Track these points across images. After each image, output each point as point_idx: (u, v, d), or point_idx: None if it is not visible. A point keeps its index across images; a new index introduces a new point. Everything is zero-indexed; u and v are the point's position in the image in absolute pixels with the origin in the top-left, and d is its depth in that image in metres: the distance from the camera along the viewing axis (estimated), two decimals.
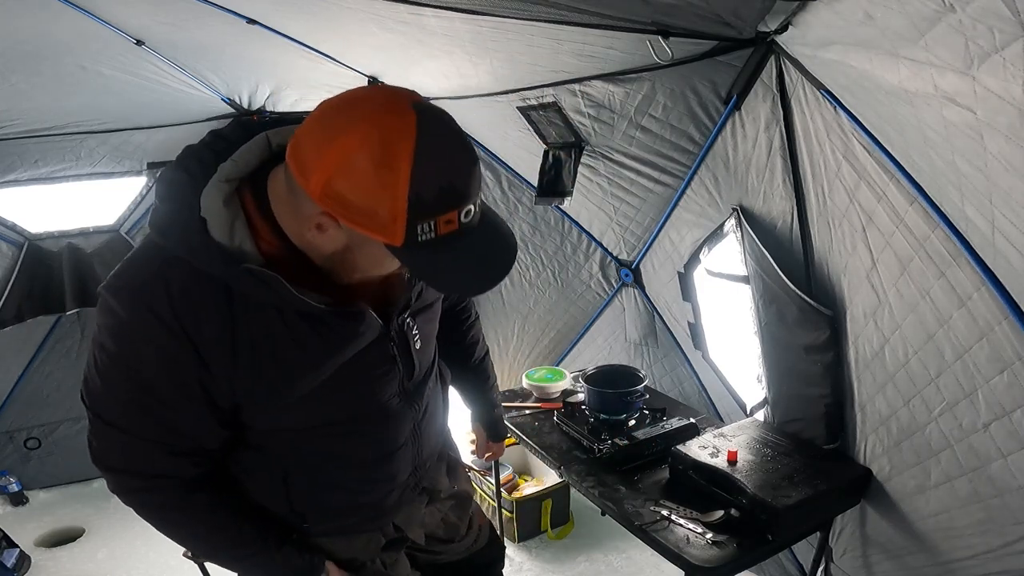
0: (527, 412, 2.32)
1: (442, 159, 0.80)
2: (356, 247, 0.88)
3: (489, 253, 0.90)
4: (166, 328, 0.87)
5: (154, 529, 1.10)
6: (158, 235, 0.90)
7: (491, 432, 1.69)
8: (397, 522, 1.27)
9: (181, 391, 0.92)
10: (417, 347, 1.12)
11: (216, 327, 0.89)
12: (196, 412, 0.95)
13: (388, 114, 0.78)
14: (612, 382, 2.10)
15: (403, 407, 1.14)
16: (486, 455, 1.75)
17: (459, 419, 1.56)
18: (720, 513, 1.58)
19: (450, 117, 0.85)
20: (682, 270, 2.28)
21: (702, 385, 2.49)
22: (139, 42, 2.29)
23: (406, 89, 0.84)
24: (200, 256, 0.87)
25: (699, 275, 2.25)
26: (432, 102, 0.85)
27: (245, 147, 0.93)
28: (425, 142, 0.78)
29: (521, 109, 2.43)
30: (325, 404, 1.04)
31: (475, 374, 1.57)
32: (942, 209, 1.19)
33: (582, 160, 2.39)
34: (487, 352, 1.59)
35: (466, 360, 1.53)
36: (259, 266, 0.87)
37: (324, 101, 0.83)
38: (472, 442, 1.75)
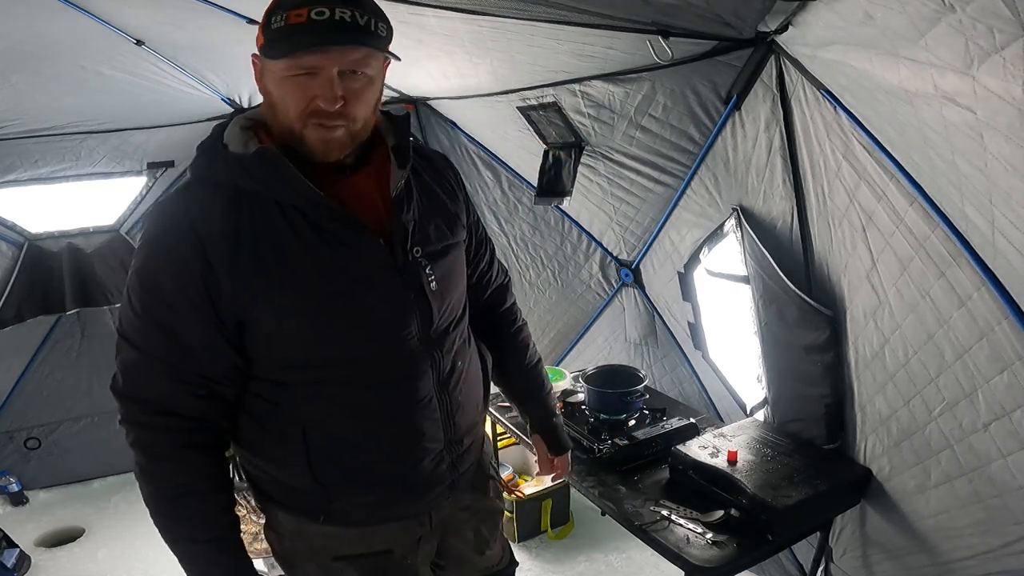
0: None
1: None
2: (264, 74, 1.01)
3: (321, 34, 0.94)
4: (178, 231, 0.97)
5: (153, 529, 1.09)
6: (189, 170, 1.05)
7: (552, 442, 1.50)
8: (432, 513, 1.22)
9: (186, 294, 0.97)
10: (432, 288, 1.10)
11: (223, 223, 0.97)
12: (202, 321, 0.98)
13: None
14: (612, 382, 2.10)
15: (422, 352, 1.11)
16: (552, 472, 1.55)
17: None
18: (720, 513, 1.58)
19: None
20: (682, 270, 2.28)
21: (702, 385, 2.49)
22: (139, 42, 2.29)
23: None
24: (216, 165, 1.01)
25: (699, 275, 2.25)
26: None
27: (258, 105, 1.10)
28: None
29: (521, 109, 2.43)
30: (337, 334, 1.04)
31: (529, 378, 1.48)
32: (942, 209, 1.19)
33: (582, 160, 2.39)
34: (540, 359, 1.52)
35: (519, 363, 1.46)
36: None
37: None
38: (534, 460, 1.59)
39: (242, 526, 2.32)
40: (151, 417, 1.01)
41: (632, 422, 2.08)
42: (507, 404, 2.37)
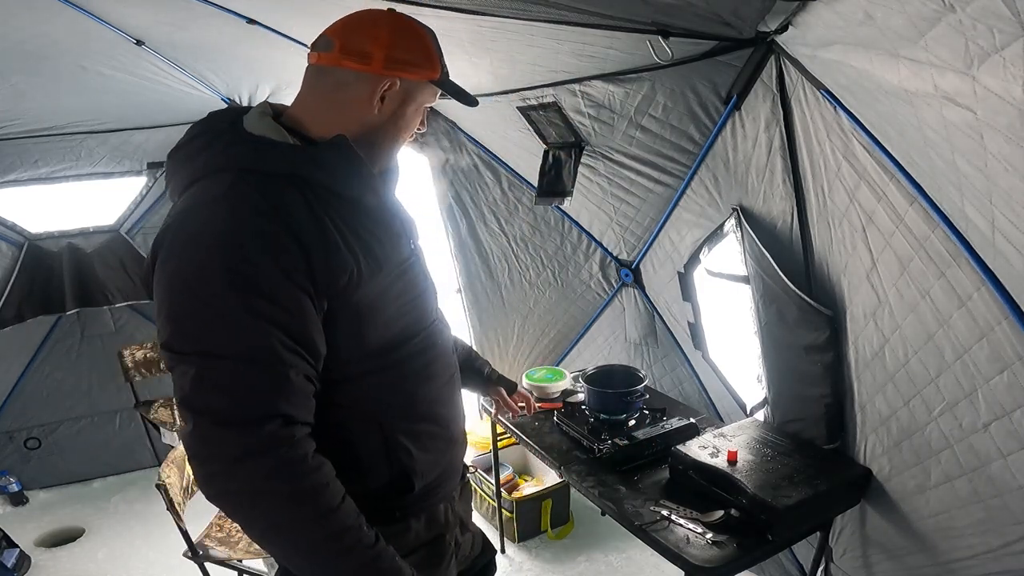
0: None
1: (429, 29, 1.12)
2: (411, 96, 1.09)
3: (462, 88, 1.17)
4: (263, 220, 0.91)
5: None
6: (214, 161, 0.98)
7: (506, 385, 1.68)
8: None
9: (292, 281, 0.91)
10: (429, 271, 1.22)
11: (300, 211, 0.95)
12: (306, 312, 0.93)
13: (390, 11, 1.11)
14: (612, 382, 2.10)
15: (442, 328, 1.21)
16: (521, 406, 1.72)
17: None
18: (720, 513, 1.58)
19: None
20: (682, 270, 2.28)
21: (702, 385, 2.49)
22: (139, 42, 2.29)
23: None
24: (268, 155, 0.98)
25: (699, 275, 2.25)
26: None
27: (257, 105, 1.10)
28: (415, 21, 1.11)
29: (521, 109, 2.43)
30: (394, 315, 1.07)
31: (458, 347, 1.48)
32: (942, 209, 1.19)
33: (582, 160, 2.39)
34: None
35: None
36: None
37: (339, 21, 1.11)
38: (495, 412, 1.77)
39: None
40: (285, 430, 0.90)
41: (632, 422, 2.08)
42: None
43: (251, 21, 2.08)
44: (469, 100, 1.19)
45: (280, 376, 0.90)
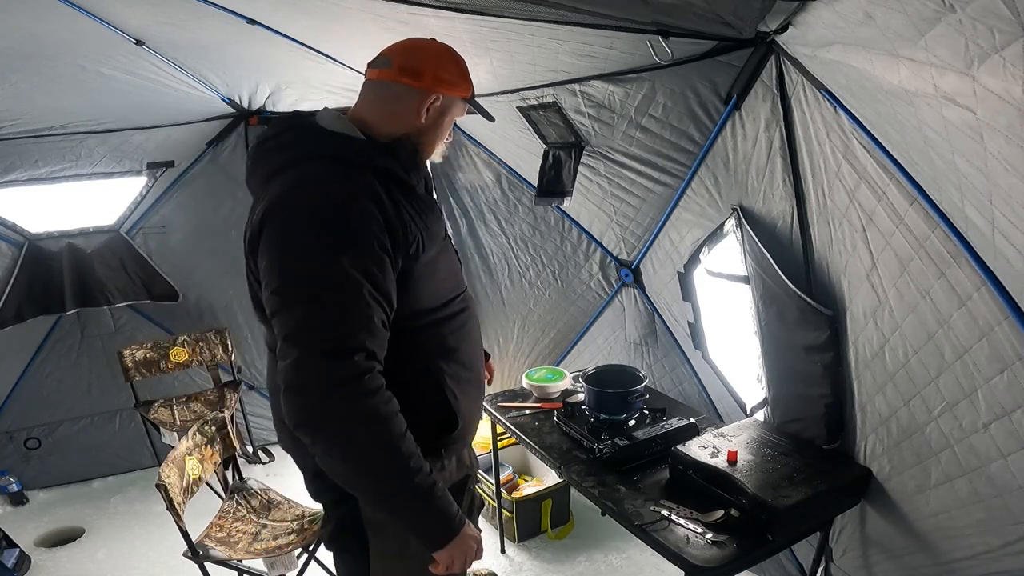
0: (527, 412, 2.32)
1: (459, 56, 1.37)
2: (448, 109, 1.33)
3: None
4: (363, 193, 1.15)
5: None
6: (316, 150, 1.21)
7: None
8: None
9: (382, 244, 1.14)
10: None
11: (381, 191, 1.18)
12: (390, 270, 1.16)
13: (430, 40, 1.35)
14: (612, 382, 2.10)
15: (470, 295, 1.46)
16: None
17: None
18: (720, 513, 1.58)
19: None
20: (682, 270, 2.28)
21: (702, 385, 2.49)
22: (139, 42, 2.29)
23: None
24: (351, 146, 1.23)
25: (699, 275, 2.25)
26: None
27: (325, 109, 1.34)
28: (454, 50, 1.36)
29: (521, 109, 2.43)
30: (439, 281, 1.32)
31: None
32: (942, 209, 1.19)
33: (582, 160, 2.39)
34: None
35: None
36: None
37: (396, 45, 1.33)
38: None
39: (241, 526, 2.33)
40: (368, 363, 1.10)
41: (632, 422, 2.08)
42: (507, 404, 2.38)
43: (251, 21, 2.08)
44: (489, 116, 1.46)
45: (367, 319, 1.11)
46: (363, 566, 1.40)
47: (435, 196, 1.42)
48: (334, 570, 1.69)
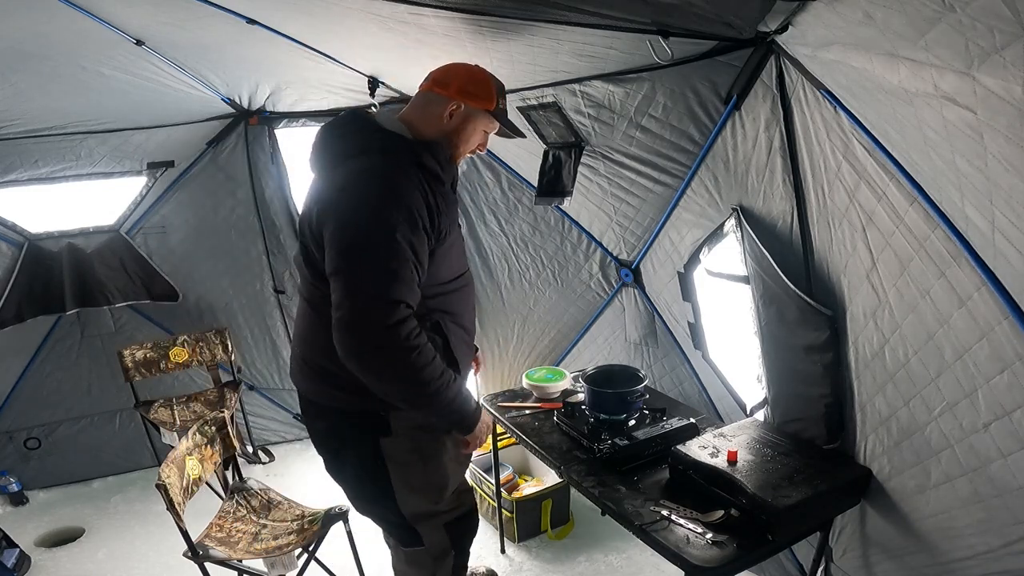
0: (527, 412, 2.32)
1: (498, 80, 1.69)
2: (470, 118, 1.65)
3: (513, 123, 1.76)
4: (413, 185, 1.47)
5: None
6: (363, 143, 1.55)
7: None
8: None
9: (424, 227, 1.47)
10: None
11: (422, 183, 1.49)
12: (423, 240, 1.47)
13: (479, 67, 1.68)
14: (612, 382, 2.10)
15: (471, 274, 1.80)
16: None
17: None
18: (720, 513, 1.58)
19: None
20: (682, 270, 2.28)
21: (702, 385, 2.49)
22: (139, 42, 2.29)
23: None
24: (401, 145, 1.55)
25: (699, 275, 2.25)
26: None
27: (383, 109, 1.70)
28: (488, 72, 1.68)
29: (521, 109, 2.43)
30: (453, 261, 1.65)
31: None
32: (942, 209, 1.19)
33: (582, 160, 2.39)
34: None
35: None
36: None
37: (440, 70, 1.67)
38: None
39: (241, 526, 2.33)
40: (404, 309, 1.42)
41: (632, 422, 2.08)
42: (507, 404, 2.38)
43: (251, 21, 2.08)
44: (518, 134, 1.77)
45: (411, 280, 1.44)
46: (342, 462, 1.76)
47: (457, 193, 1.78)
48: (330, 569, 1.70)
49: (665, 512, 1.63)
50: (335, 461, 1.76)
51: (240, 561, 2.02)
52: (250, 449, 3.58)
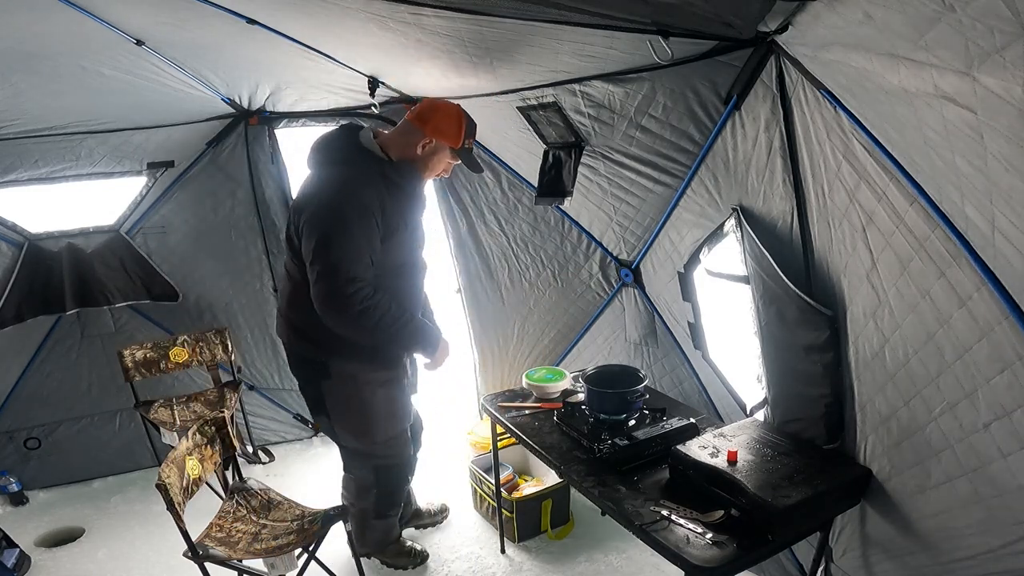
0: (527, 412, 2.32)
1: (470, 122, 2.17)
2: (437, 151, 2.14)
3: (477, 160, 2.30)
4: (370, 191, 2.00)
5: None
6: (341, 155, 2.08)
7: None
8: None
9: (374, 223, 1.99)
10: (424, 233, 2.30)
11: (379, 191, 2.02)
12: (376, 239, 2.00)
13: (451, 104, 2.17)
14: (612, 382, 2.10)
15: (421, 267, 2.29)
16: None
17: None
18: (720, 513, 1.58)
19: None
20: (682, 270, 2.28)
21: (702, 385, 2.49)
22: (139, 42, 2.29)
23: (452, 102, 2.22)
24: (370, 159, 2.07)
25: (699, 275, 2.25)
26: None
27: (366, 129, 2.16)
28: (465, 115, 2.16)
29: (521, 109, 2.43)
30: (405, 250, 2.15)
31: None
32: (942, 209, 1.19)
33: (582, 160, 2.39)
34: None
35: None
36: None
37: (424, 105, 2.16)
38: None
39: (241, 526, 2.32)
40: (364, 283, 1.97)
41: (632, 422, 2.08)
42: (507, 404, 2.38)
43: (251, 21, 2.08)
44: (476, 169, 2.29)
45: (366, 264, 1.99)
46: (305, 394, 2.36)
47: (420, 199, 2.19)
48: (330, 569, 1.70)
49: (665, 512, 1.63)
50: (302, 391, 2.38)
51: (240, 561, 2.02)
52: (250, 449, 3.58)
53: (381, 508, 2.48)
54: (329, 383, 2.20)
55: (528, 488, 2.88)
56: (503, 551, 2.74)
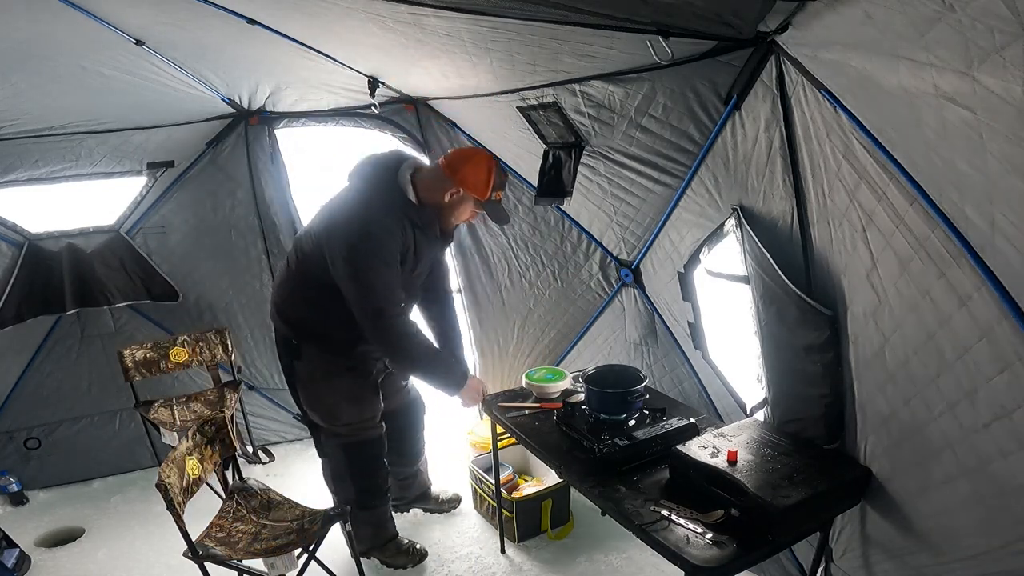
0: (527, 412, 2.32)
1: (500, 175, 2.22)
2: (463, 201, 2.21)
3: (504, 211, 2.30)
4: (394, 227, 2.13)
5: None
6: (372, 192, 2.18)
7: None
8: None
9: (397, 257, 2.14)
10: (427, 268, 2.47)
11: (400, 228, 2.14)
12: (397, 264, 2.15)
13: (482, 155, 2.27)
14: (612, 382, 2.10)
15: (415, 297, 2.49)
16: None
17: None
18: (720, 513, 1.58)
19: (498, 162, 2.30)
20: (682, 270, 2.28)
21: (702, 385, 2.49)
22: (139, 42, 2.29)
23: (486, 151, 2.62)
24: (398, 202, 2.17)
25: (699, 275, 2.25)
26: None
27: (406, 166, 2.22)
28: (496, 167, 2.20)
29: (521, 109, 2.43)
30: (419, 279, 2.37)
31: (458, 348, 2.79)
32: (942, 209, 1.19)
33: (582, 160, 2.39)
34: None
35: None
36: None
37: (457, 155, 2.24)
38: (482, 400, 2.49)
39: (241, 526, 2.33)
40: (400, 308, 2.19)
41: (632, 422, 2.08)
42: (507, 404, 2.38)
43: (251, 21, 2.08)
44: (501, 221, 2.30)
45: (396, 289, 2.17)
46: (289, 367, 2.43)
47: (437, 241, 2.34)
48: (330, 569, 1.70)
49: (665, 512, 1.63)
50: (283, 370, 2.50)
51: (240, 561, 2.02)
52: (250, 449, 3.58)
53: (362, 499, 2.51)
54: (300, 363, 2.36)
55: (528, 488, 2.88)
56: (503, 551, 2.74)
